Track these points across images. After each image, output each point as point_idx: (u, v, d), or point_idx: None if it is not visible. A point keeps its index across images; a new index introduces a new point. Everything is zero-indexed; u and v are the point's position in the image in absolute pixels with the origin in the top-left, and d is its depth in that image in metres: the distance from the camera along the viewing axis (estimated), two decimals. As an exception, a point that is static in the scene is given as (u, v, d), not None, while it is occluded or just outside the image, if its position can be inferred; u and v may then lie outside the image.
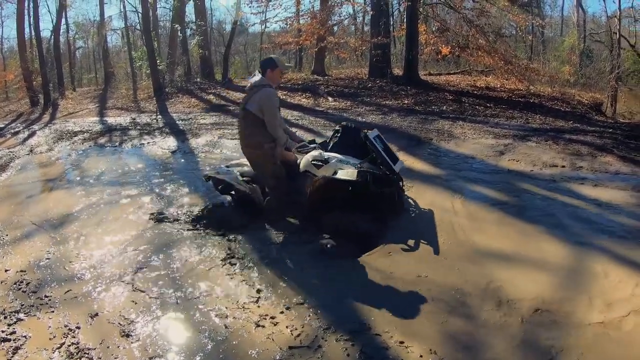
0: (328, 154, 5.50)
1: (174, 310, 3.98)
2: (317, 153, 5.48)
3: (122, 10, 35.52)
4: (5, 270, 4.76)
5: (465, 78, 20.35)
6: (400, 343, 3.47)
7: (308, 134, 9.69)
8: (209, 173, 6.00)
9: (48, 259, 4.99)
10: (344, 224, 5.08)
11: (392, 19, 23.61)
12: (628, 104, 20.23)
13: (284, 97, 16.09)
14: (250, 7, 22.71)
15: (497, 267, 4.50)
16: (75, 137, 11.85)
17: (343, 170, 5.22)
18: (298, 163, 5.70)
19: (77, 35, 36.29)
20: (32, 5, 23.02)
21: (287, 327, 3.70)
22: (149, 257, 4.94)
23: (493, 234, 5.20)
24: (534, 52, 26.35)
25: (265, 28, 32.65)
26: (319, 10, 21.09)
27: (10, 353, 3.47)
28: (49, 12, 35.90)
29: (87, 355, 3.44)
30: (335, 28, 23.29)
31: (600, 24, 30.24)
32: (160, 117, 14.32)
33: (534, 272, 4.37)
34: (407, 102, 14.98)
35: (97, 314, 3.94)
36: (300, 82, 19.15)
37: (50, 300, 4.19)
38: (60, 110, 18.77)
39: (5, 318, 3.91)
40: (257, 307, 4.00)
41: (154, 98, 18.34)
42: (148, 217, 5.96)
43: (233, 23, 26.05)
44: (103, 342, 3.58)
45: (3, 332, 3.72)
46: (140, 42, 30.05)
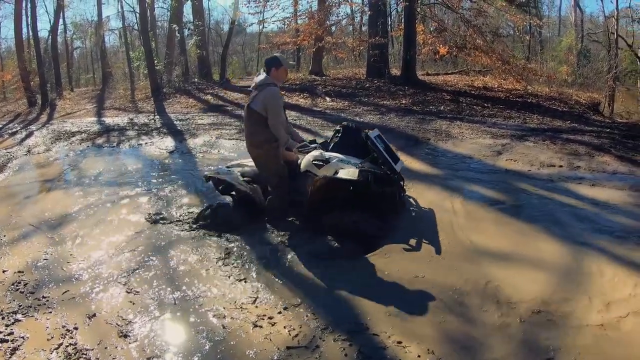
0: (329, 154, 5.50)
1: (172, 311, 3.98)
2: (317, 153, 5.48)
3: (119, 11, 35.66)
4: (3, 271, 4.76)
5: (463, 78, 20.36)
6: (398, 343, 3.47)
7: (306, 134, 9.68)
8: (210, 173, 5.99)
9: (46, 260, 4.99)
10: (345, 224, 5.09)
11: (389, 19, 23.62)
12: (625, 104, 20.26)
13: (282, 97, 16.06)
14: (248, 7, 22.74)
15: (495, 266, 4.51)
16: (73, 137, 11.84)
17: (344, 170, 5.22)
18: (299, 163, 5.70)
19: (74, 36, 36.24)
20: (29, 6, 23.12)
21: (284, 327, 3.71)
22: (147, 257, 4.94)
23: (491, 234, 5.20)
24: (532, 52, 26.38)
25: (263, 28, 32.78)
26: (317, 11, 21.09)
27: (8, 354, 3.47)
28: (47, 12, 35.63)
29: (85, 356, 3.44)
30: (333, 28, 23.25)
31: (598, 24, 30.32)
32: (158, 117, 14.31)
33: (533, 272, 4.38)
34: (404, 102, 14.98)
35: (94, 315, 3.95)
36: (298, 82, 19.14)
37: (48, 301, 4.19)
38: (58, 111, 18.76)
39: (3, 319, 3.91)
40: (254, 307, 4.00)
41: (152, 98, 18.32)
42: (146, 217, 5.96)
43: (231, 23, 26.13)
44: (101, 342, 3.58)
45: (1, 332, 3.72)
46: (138, 42, 30.00)
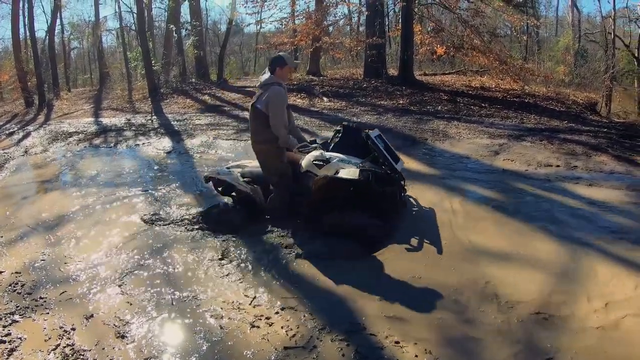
0: (329, 154, 5.51)
1: (169, 311, 3.98)
2: (318, 153, 5.48)
3: (117, 11, 35.59)
4: (0, 272, 4.76)
5: (460, 78, 20.36)
6: (396, 343, 3.48)
7: (304, 134, 9.67)
8: (210, 174, 5.98)
9: (43, 261, 4.99)
10: (345, 224, 5.10)
11: (387, 19, 23.63)
12: (623, 104, 20.32)
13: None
14: (246, 7, 22.61)
15: (494, 266, 4.52)
16: (70, 138, 11.82)
17: (345, 170, 5.22)
18: (300, 163, 5.70)
19: (72, 36, 36.23)
20: (26, 6, 22.96)
21: (282, 327, 3.71)
22: (144, 258, 4.93)
23: (490, 234, 5.21)
24: (529, 52, 26.40)
25: (261, 28, 32.82)
26: (314, 11, 21.05)
27: (6, 355, 3.47)
28: (44, 12, 35.64)
29: (82, 357, 3.44)
30: (331, 28, 23.24)
31: (595, 24, 30.32)
32: (155, 117, 14.29)
33: (531, 272, 4.39)
34: (402, 102, 14.99)
35: (92, 315, 3.94)
36: (296, 82, 19.11)
37: (46, 302, 4.18)
38: (55, 111, 18.72)
39: (1, 320, 3.91)
40: (252, 307, 4.00)
41: (149, 99, 18.29)
42: (143, 218, 5.96)
43: (228, 23, 26.06)
44: (98, 343, 3.58)
45: (-2, 333, 3.72)
46: (136, 42, 29.94)
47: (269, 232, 5.36)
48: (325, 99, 15.68)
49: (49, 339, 3.65)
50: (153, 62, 19.17)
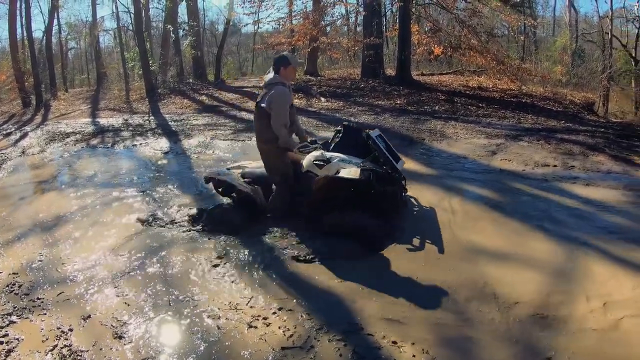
0: (330, 154, 5.52)
1: (167, 312, 3.98)
2: (318, 153, 5.49)
3: (114, 11, 35.57)
4: (-3, 273, 4.75)
5: (458, 78, 20.37)
6: (393, 343, 3.48)
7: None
8: (210, 175, 5.97)
9: (40, 261, 4.98)
10: (346, 224, 5.09)
11: (384, 20, 23.63)
12: (620, 104, 20.35)
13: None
14: (243, 7, 22.71)
15: (492, 266, 4.52)
16: (68, 138, 11.80)
17: (345, 170, 5.23)
18: (301, 163, 5.71)
19: (69, 36, 36.05)
20: (23, 6, 22.94)
21: (279, 327, 3.71)
22: (141, 258, 4.93)
23: (487, 233, 5.22)
24: (526, 52, 26.42)
25: (258, 29, 32.75)
26: (312, 11, 21.06)
27: (3, 355, 3.47)
28: (41, 12, 35.50)
29: (79, 358, 3.44)
30: (328, 28, 23.29)
31: (592, 24, 30.35)
32: (153, 118, 14.27)
33: (529, 271, 4.40)
34: (399, 102, 15.00)
35: (89, 316, 3.94)
36: (293, 82, 19.05)
37: (43, 303, 4.18)
38: (53, 112, 18.68)
39: (-3, 321, 3.91)
40: (249, 308, 4.00)
41: (147, 99, 18.25)
42: (140, 218, 5.94)
43: (226, 23, 26.00)
44: (96, 344, 3.58)
45: (-5, 334, 3.72)
46: (133, 42, 29.95)
47: (269, 232, 5.36)
48: (323, 99, 15.68)
49: (47, 340, 3.64)
50: (150, 62, 19.12)
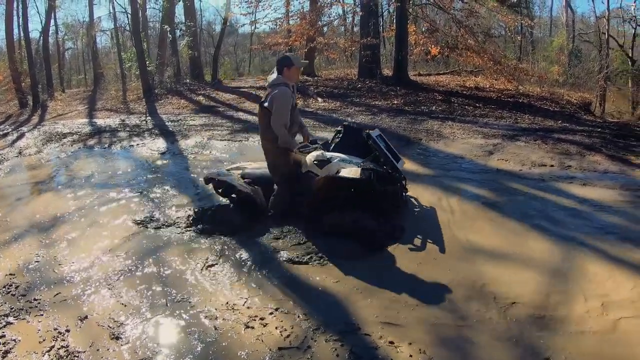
0: (330, 154, 5.53)
1: (164, 312, 3.98)
2: (319, 153, 5.50)
3: (111, 11, 35.58)
4: (-6, 274, 4.74)
5: (455, 78, 20.39)
6: (390, 343, 3.49)
7: (299, 135, 9.68)
8: (210, 175, 5.96)
9: (37, 262, 4.98)
10: (346, 224, 5.10)
11: (381, 20, 23.60)
12: (617, 104, 20.35)
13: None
14: (240, 7, 22.67)
15: (489, 266, 4.53)
16: (65, 138, 11.79)
17: (346, 169, 5.24)
18: (301, 163, 5.71)
19: (66, 36, 36.01)
20: (20, 6, 22.93)
21: (276, 328, 3.71)
22: (138, 259, 4.93)
23: (484, 233, 5.23)
24: (523, 52, 26.42)
25: (255, 29, 32.62)
26: (309, 11, 21.05)
27: (0, 356, 3.46)
28: (38, 13, 35.38)
29: (77, 358, 3.44)
30: (325, 29, 23.23)
31: (589, 24, 30.33)
32: (150, 118, 14.26)
33: (527, 271, 4.41)
34: (396, 102, 15.01)
35: (86, 317, 3.94)
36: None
37: (40, 304, 4.18)
38: (49, 112, 18.67)
39: (-6, 322, 3.91)
40: (246, 308, 4.00)
41: (144, 99, 18.24)
42: (137, 219, 5.94)
43: (223, 24, 26.01)
44: (93, 344, 3.58)
45: (-8, 335, 3.72)
46: (130, 43, 29.81)
47: (268, 232, 5.36)
48: (320, 100, 15.67)
49: (44, 341, 3.64)
50: (147, 62, 19.11)
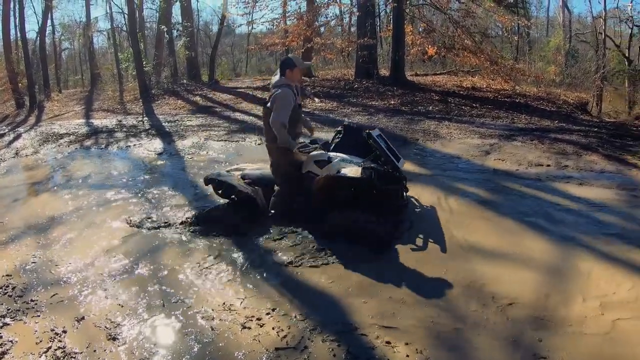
0: (330, 154, 5.53)
1: (160, 313, 3.98)
2: (319, 153, 5.50)
3: (108, 12, 35.45)
4: (-9, 275, 4.73)
5: (452, 78, 20.40)
6: (387, 343, 3.49)
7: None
8: (210, 176, 5.93)
9: (34, 263, 4.97)
10: (346, 224, 5.09)
11: (378, 20, 23.64)
12: (613, 103, 20.41)
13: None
14: (237, 8, 22.61)
15: (487, 266, 4.54)
16: (61, 139, 11.77)
17: (346, 169, 5.23)
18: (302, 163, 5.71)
19: (63, 37, 35.99)
20: (17, 7, 22.82)
21: (273, 328, 3.72)
22: (135, 260, 4.92)
23: (482, 233, 5.23)
24: (520, 52, 26.43)
25: (252, 29, 32.72)
26: (306, 12, 21.05)
27: (-3, 358, 3.46)
28: (35, 13, 35.54)
29: (73, 359, 3.43)
30: (322, 29, 23.23)
31: (586, 24, 30.38)
32: (147, 119, 14.25)
33: (524, 271, 4.42)
34: (393, 102, 15.02)
35: (83, 318, 3.94)
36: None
37: (37, 305, 4.17)
38: (46, 113, 18.64)
39: (-9, 323, 3.90)
40: (243, 308, 4.00)
41: (140, 100, 18.24)
42: (134, 220, 5.94)
43: (220, 24, 25.97)
44: (89, 345, 3.58)
45: (-11, 337, 3.71)
46: (127, 43, 29.79)
47: (267, 232, 5.36)
48: (317, 100, 15.68)
49: (40, 342, 3.64)
50: (144, 63, 19.12)
